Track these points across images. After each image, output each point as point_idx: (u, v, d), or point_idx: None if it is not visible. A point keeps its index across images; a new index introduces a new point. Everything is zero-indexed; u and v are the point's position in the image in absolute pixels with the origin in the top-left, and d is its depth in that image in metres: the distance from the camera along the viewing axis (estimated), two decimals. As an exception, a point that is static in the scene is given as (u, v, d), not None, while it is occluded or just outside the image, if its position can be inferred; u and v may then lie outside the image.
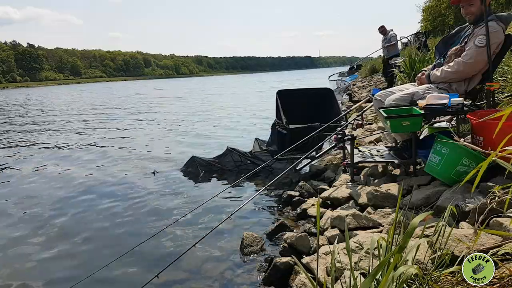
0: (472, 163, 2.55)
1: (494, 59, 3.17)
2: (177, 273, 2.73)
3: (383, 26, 10.68)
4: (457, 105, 2.98)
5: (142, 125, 11.47)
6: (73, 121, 13.51)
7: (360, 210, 2.97)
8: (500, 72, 4.42)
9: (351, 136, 3.62)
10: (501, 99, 4.00)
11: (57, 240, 3.47)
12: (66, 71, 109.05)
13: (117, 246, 3.24)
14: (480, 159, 2.51)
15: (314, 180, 4.20)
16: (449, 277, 1.60)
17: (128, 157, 6.85)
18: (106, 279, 2.70)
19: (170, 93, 30.87)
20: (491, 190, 2.10)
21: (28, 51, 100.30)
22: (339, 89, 14.72)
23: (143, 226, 3.67)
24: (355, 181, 3.52)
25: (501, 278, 1.52)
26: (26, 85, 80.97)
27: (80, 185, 5.16)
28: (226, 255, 2.94)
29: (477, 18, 3.12)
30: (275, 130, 5.61)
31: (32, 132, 10.86)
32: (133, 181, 5.26)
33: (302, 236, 2.74)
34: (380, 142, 4.90)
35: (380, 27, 10.71)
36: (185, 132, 9.53)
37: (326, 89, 6.57)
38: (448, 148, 2.67)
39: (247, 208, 3.85)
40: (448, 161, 2.67)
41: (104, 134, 9.80)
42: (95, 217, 3.98)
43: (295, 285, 2.16)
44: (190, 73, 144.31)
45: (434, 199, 2.65)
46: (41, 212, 4.21)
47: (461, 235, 1.92)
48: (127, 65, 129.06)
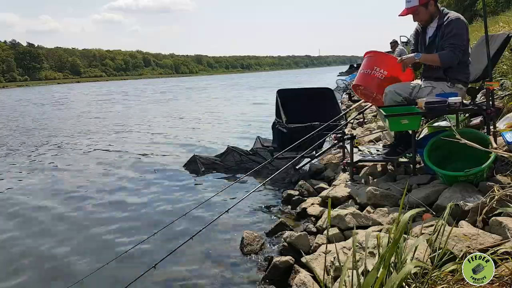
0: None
1: (492, 58, 3.18)
2: (177, 272, 2.73)
3: (396, 42, 10.46)
4: (455, 104, 2.98)
5: (141, 125, 11.46)
6: (72, 120, 13.50)
7: (359, 209, 2.97)
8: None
9: (351, 135, 3.63)
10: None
11: (58, 237, 3.47)
12: (66, 70, 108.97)
13: (117, 244, 3.25)
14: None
15: (313, 179, 4.20)
16: (448, 276, 1.60)
17: (129, 156, 6.85)
18: (107, 275, 2.70)
19: (169, 94, 30.84)
20: (491, 189, 2.10)
21: (28, 50, 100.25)
22: (338, 88, 14.73)
23: (144, 224, 3.68)
24: (354, 180, 3.52)
25: (501, 276, 1.52)
26: (26, 84, 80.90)
27: (80, 184, 5.16)
28: (226, 254, 2.95)
29: (427, 21, 3.33)
30: (275, 129, 5.63)
31: (32, 132, 10.85)
32: (134, 179, 5.27)
33: (302, 235, 2.74)
34: (380, 141, 4.90)
35: (392, 42, 10.49)
36: (185, 132, 9.53)
37: (326, 88, 6.58)
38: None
39: (247, 207, 3.86)
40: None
41: (104, 133, 9.81)
42: (95, 216, 3.99)
43: (295, 284, 2.16)
44: (190, 72, 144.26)
45: (433, 198, 2.66)
46: (40, 212, 4.21)
47: (460, 234, 1.92)
48: (126, 64, 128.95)
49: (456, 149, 2.77)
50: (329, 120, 4.94)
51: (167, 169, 5.70)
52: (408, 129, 3.18)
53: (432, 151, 2.88)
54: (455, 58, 3.12)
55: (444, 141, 2.65)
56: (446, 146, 2.72)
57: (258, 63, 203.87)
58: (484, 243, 1.83)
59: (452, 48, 3.10)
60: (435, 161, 2.79)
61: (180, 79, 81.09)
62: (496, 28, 7.24)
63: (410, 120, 3.01)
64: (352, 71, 22.05)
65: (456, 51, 3.10)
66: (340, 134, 3.78)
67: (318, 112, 5.68)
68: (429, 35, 3.34)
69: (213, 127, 10.17)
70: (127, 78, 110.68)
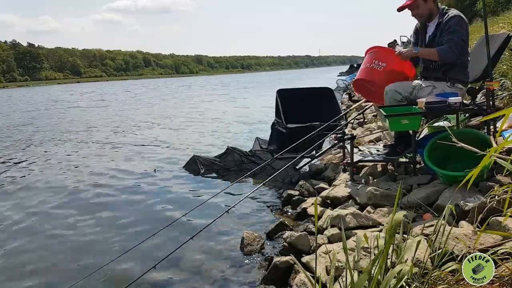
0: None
1: (492, 58, 3.18)
2: (177, 272, 2.73)
3: (394, 42, 10.45)
4: (456, 104, 2.98)
5: (141, 125, 11.46)
6: (71, 120, 13.51)
7: (359, 209, 2.97)
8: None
9: (351, 135, 3.63)
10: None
11: (57, 237, 3.47)
12: (66, 71, 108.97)
13: (117, 244, 3.25)
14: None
15: (314, 179, 4.20)
16: (448, 276, 1.60)
17: (128, 156, 6.85)
18: (107, 275, 2.71)
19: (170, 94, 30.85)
20: (491, 189, 2.10)
21: (28, 50, 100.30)
22: (338, 88, 14.74)
23: (144, 224, 3.67)
24: (354, 180, 3.52)
25: (501, 277, 1.52)
26: (26, 85, 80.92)
27: (79, 184, 5.16)
28: (226, 254, 2.95)
29: (426, 17, 3.29)
30: (275, 129, 5.63)
31: (30, 132, 10.85)
32: (134, 180, 5.26)
33: (302, 235, 2.74)
34: (380, 141, 4.90)
35: (391, 43, 10.48)
36: (185, 131, 9.53)
37: (326, 88, 6.58)
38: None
39: (247, 208, 3.86)
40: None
41: (104, 133, 9.81)
42: (95, 216, 3.98)
43: (295, 284, 2.16)
44: (190, 73, 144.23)
45: (434, 198, 2.66)
46: (40, 212, 4.21)
47: (460, 234, 1.92)
48: (127, 65, 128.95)
49: (456, 149, 2.76)
50: (329, 120, 4.94)
51: (167, 170, 5.70)
52: (408, 129, 3.18)
53: (432, 151, 2.88)
54: (453, 54, 3.10)
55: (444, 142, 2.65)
56: (446, 146, 2.71)
57: (258, 63, 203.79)
58: (484, 243, 1.83)
59: (450, 44, 3.09)
60: (435, 161, 2.79)
61: (180, 79, 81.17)
62: (496, 28, 7.24)
63: (410, 120, 3.01)
64: (352, 71, 22.08)
65: (453, 47, 3.08)
66: (340, 134, 3.78)
67: (318, 112, 5.68)
68: (429, 33, 3.34)
69: (212, 127, 10.16)
70: (127, 78, 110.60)
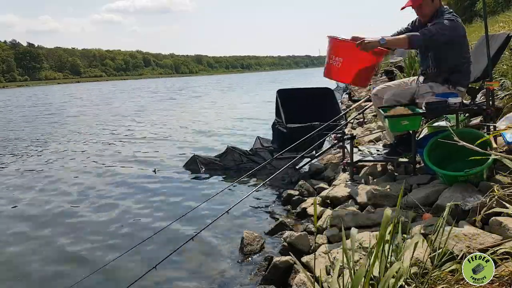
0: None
1: (492, 58, 3.18)
2: (178, 272, 2.74)
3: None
4: (455, 104, 2.98)
5: (140, 124, 11.46)
6: (70, 119, 13.51)
7: (359, 209, 2.96)
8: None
9: (351, 135, 3.63)
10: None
11: (57, 237, 3.48)
12: (66, 70, 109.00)
13: (117, 244, 3.25)
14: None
15: (313, 179, 4.20)
16: (448, 276, 1.60)
17: (128, 156, 6.85)
18: (108, 275, 2.72)
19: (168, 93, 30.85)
20: (491, 189, 2.11)
21: (28, 50, 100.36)
22: (338, 88, 14.73)
23: (144, 224, 3.68)
24: (354, 180, 3.52)
25: (501, 276, 1.52)
26: (26, 84, 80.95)
27: (78, 184, 5.16)
28: (226, 254, 2.95)
29: (431, 17, 3.18)
30: (275, 129, 5.63)
31: (28, 131, 10.85)
32: (134, 180, 5.26)
33: (302, 235, 2.74)
34: (380, 141, 4.90)
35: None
36: (185, 131, 9.53)
37: (326, 88, 6.58)
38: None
39: (247, 207, 3.86)
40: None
41: (105, 132, 9.81)
42: (95, 216, 3.99)
43: (295, 284, 2.16)
44: (190, 72, 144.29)
45: (433, 198, 2.66)
46: (39, 211, 4.21)
47: (460, 234, 1.92)
48: (127, 64, 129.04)
49: (456, 149, 2.76)
50: (329, 120, 4.94)
51: (167, 169, 5.70)
52: (408, 130, 3.18)
53: (432, 151, 2.88)
54: (422, 41, 3.00)
55: (444, 141, 2.65)
56: (446, 146, 2.71)
57: (258, 63, 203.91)
58: (484, 243, 1.83)
59: (425, 31, 2.99)
60: (435, 161, 2.79)
61: (179, 79, 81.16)
62: (496, 28, 7.24)
63: (410, 121, 3.01)
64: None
65: (426, 35, 2.97)
66: (340, 134, 3.77)
67: (318, 112, 5.68)
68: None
69: (212, 127, 10.16)
70: (127, 78, 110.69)
